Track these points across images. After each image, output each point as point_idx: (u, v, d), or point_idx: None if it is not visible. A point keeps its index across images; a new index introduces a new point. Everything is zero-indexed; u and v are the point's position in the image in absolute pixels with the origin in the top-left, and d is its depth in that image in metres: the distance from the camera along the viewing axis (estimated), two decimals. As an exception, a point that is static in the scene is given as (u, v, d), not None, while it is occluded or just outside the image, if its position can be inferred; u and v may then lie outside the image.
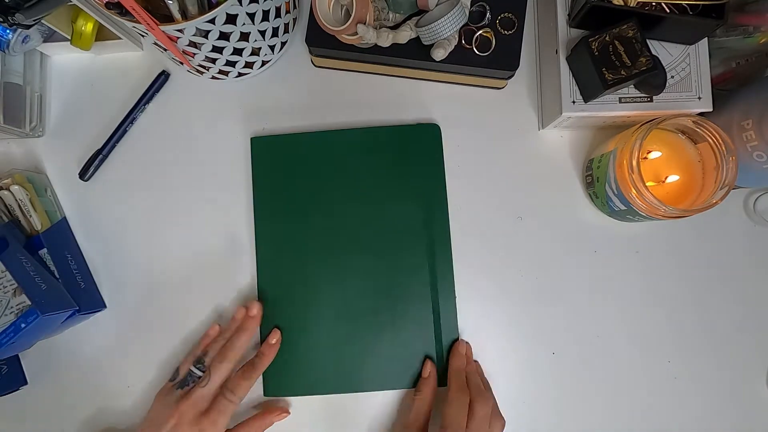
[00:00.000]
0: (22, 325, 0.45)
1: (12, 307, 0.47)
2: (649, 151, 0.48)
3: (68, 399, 0.54)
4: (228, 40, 0.46)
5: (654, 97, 0.47)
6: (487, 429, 0.47)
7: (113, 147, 0.55)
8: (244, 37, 0.47)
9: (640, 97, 0.48)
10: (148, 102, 0.55)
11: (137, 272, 0.54)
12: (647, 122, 0.44)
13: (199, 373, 0.48)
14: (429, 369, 0.50)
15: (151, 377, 0.53)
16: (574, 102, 0.48)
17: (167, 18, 0.43)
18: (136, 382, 0.53)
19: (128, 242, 0.55)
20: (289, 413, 0.51)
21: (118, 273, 0.54)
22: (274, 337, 0.51)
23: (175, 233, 0.55)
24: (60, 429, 0.53)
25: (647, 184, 0.43)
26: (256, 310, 0.51)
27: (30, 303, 0.45)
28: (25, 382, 0.53)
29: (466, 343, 0.52)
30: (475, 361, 0.52)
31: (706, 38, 0.47)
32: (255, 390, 0.51)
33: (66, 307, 0.49)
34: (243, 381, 0.48)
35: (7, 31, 0.48)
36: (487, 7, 0.49)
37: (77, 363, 0.54)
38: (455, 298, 0.52)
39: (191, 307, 0.54)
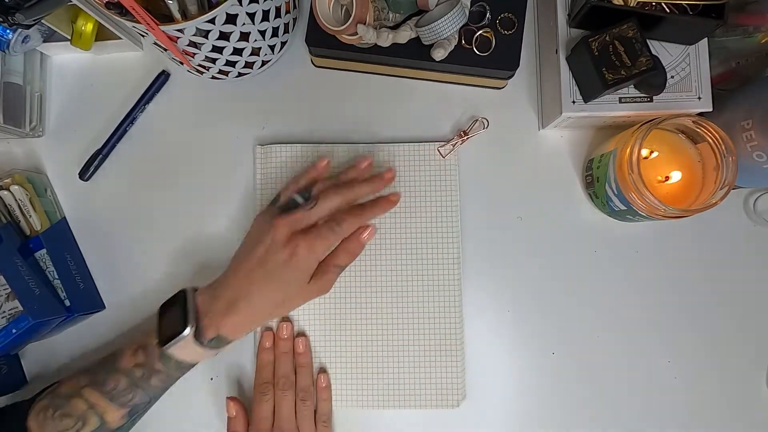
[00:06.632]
0: (13, 331, 0.45)
1: (4, 312, 0.47)
2: (651, 152, 0.48)
3: (68, 399, 0.53)
4: (228, 40, 0.46)
5: (654, 97, 0.47)
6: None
7: (113, 147, 0.55)
8: (244, 37, 0.47)
9: (640, 97, 0.48)
10: (148, 102, 0.55)
11: (136, 273, 0.54)
12: (647, 122, 0.44)
13: (301, 200, 0.44)
14: None
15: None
16: (574, 102, 0.48)
17: (167, 18, 0.43)
18: (136, 382, 0.53)
19: (128, 242, 0.55)
20: (374, 229, 0.46)
21: (117, 273, 0.54)
22: (389, 174, 0.46)
23: (175, 234, 0.54)
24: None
25: (647, 184, 0.43)
26: (391, 173, 0.47)
27: (22, 309, 0.45)
28: (26, 382, 0.53)
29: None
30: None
31: (706, 38, 0.47)
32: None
33: (59, 314, 0.49)
34: (351, 217, 0.43)
35: (7, 31, 0.48)
36: (487, 7, 0.49)
37: (77, 363, 0.54)
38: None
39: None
